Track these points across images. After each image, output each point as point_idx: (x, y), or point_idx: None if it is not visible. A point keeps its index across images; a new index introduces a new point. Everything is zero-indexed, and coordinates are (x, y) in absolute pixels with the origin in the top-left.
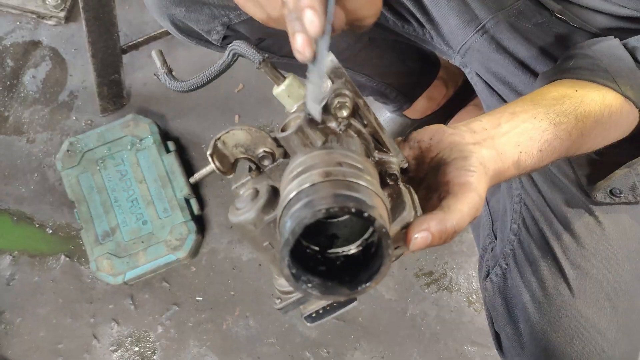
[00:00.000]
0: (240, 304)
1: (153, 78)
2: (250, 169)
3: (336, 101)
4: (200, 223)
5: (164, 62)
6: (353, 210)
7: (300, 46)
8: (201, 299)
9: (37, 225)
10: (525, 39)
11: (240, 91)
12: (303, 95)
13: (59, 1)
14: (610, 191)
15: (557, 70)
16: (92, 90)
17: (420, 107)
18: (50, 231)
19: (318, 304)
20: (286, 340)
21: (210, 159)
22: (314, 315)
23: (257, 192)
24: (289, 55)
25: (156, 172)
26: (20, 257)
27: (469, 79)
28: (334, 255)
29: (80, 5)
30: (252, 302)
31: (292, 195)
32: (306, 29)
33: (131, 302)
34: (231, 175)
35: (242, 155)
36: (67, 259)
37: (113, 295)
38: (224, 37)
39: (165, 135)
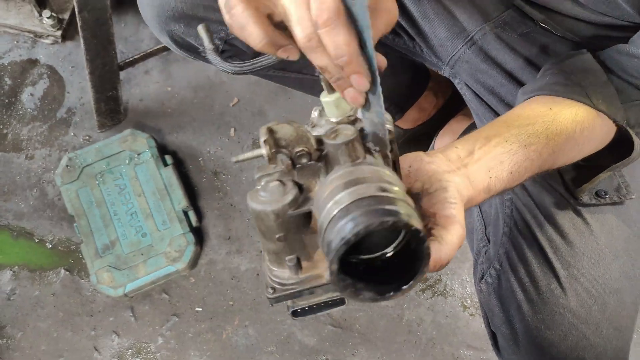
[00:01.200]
0: (240, 314)
1: (150, 94)
2: (268, 159)
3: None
4: (199, 234)
5: (212, 38)
6: (413, 228)
7: (353, 99)
8: (200, 309)
9: (36, 240)
10: (512, 50)
11: (236, 105)
12: (349, 109)
13: (56, 20)
14: (596, 193)
15: (535, 86)
16: (90, 106)
17: (411, 117)
18: (50, 246)
19: (309, 300)
20: (285, 348)
21: (263, 145)
22: (299, 310)
23: (283, 184)
24: (298, 71)
25: (154, 186)
26: (21, 272)
27: (458, 89)
28: (360, 260)
29: (79, 24)
30: (251, 311)
31: (351, 200)
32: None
33: (131, 314)
34: (273, 166)
35: (282, 149)
36: (67, 272)
37: (113, 307)
38: (222, 52)
39: (163, 149)
